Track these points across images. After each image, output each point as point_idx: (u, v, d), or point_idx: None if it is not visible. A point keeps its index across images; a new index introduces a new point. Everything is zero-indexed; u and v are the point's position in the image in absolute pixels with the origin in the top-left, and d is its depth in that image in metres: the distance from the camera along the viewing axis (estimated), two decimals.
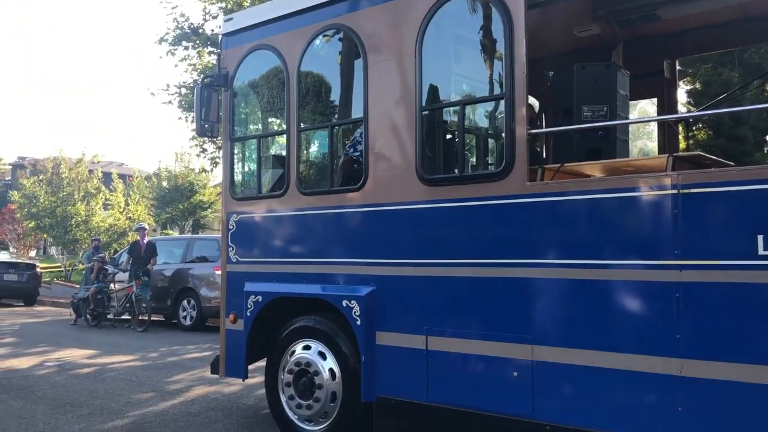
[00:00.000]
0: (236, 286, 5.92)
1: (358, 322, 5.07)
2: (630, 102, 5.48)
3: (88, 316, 15.43)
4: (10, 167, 44.36)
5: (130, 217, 29.25)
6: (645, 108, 7.22)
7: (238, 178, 6.36)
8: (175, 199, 31.59)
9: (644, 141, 6.72)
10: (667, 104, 6.37)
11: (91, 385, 8.09)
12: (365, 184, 5.15)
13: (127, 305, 15.04)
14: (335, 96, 5.87)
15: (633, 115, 6.75)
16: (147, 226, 17.65)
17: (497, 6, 4.51)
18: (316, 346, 5.41)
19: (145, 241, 15.28)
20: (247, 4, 16.86)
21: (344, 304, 5.16)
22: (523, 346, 4.34)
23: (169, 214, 32.43)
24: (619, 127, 4.78)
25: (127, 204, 29.96)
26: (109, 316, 15.47)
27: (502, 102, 4.53)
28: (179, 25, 19.34)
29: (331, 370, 5.29)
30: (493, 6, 4.57)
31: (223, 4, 18.20)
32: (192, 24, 19.39)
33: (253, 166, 6.12)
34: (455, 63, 5.17)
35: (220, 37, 6.25)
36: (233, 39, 6.10)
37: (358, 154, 5.31)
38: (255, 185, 6.09)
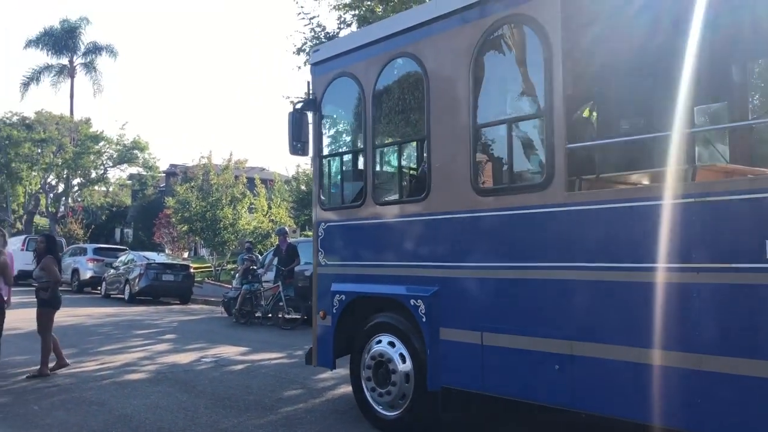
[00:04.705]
0: (325, 287, 6.72)
1: (424, 320, 5.68)
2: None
3: (237, 314, 16.29)
4: (164, 175, 48.04)
5: (272, 220, 30.83)
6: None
7: (325, 190, 7.15)
8: None
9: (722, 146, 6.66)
10: (739, 108, 6.41)
11: (245, 381, 8.62)
12: (429, 195, 5.75)
13: (273, 304, 15.76)
14: (404, 116, 6.49)
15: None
16: (288, 230, 18.62)
17: (537, 30, 4.96)
18: (393, 340, 6.06)
19: (286, 244, 15.94)
20: (379, 10, 17.25)
21: (412, 303, 5.78)
22: (562, 341, 4.77)
23: (307, 216, 34.03)
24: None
25: (270, 207, 31.57)
26: (257, 315, 16.23)
27: (543, 119, 4.97)
28: (316, 35, 20.14)
29: (401, 355, 5.92)
30: (533, 30, 5.02)
31: (357, 12, 18.55)
32: (327, 33, 20.12)
33: (338, 180, 6.89)
34: (503, 84, 5.64)
35: (309, 66, 7.03)
36: (320, 68, 6.90)
37: (423, 168, 5.91)
38: (339, 197, 6.88)
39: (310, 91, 6.89)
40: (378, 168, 6.44)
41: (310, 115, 6.90)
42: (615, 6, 5.22)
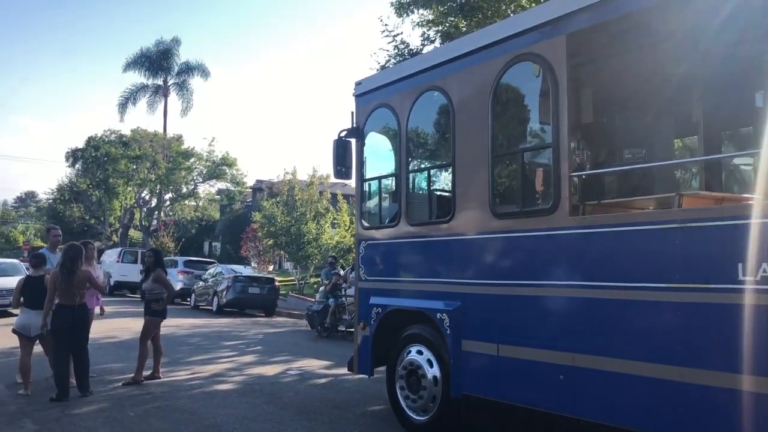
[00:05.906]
0: (365, 300, 7.33)
1: (448, 332, 6.18)
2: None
3: (321, 328, 16.75)
4: (251, 190, 49.38)
5: (354, 235, 31.25)
6: None
7: (366, 211, 7.76)
8: None
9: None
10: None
11: (329, 395, 8.80)
12: (453, 218, 6.25)
13: None
14: (433, 145, 7.04)
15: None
16: None
17: (545, 67, 5.41)
18: (424, 350, 6.58)
19: None
20: (463, 26, 17.47)
21: (438, 316, 6.29)
22: (566, 353, 5.16)
23: None
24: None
25: (352, 222, 32.16)
26: (340, 328, 16.61)
27: (550, 149, 5.40)
28: (399, 52, 20.57)
29: (431, 364, 6.44)
30: (542, 68, 5.47)
31: (440, 28, 18.76)
32: (411, 50, 20.51)
33: (376, 202, 7.50)
34: (517, 116, 6.10)
35: (353, 98, 7.68)
36: (362, 99, 7.56)
37: (448, 192, 6.43)
38: (377, 217, 7.48)
39: (354, 120, 7.54)
40: (410, 191, 7.00)
41: (353, 142, 7.55)
42: (616, 42, 5.59)
